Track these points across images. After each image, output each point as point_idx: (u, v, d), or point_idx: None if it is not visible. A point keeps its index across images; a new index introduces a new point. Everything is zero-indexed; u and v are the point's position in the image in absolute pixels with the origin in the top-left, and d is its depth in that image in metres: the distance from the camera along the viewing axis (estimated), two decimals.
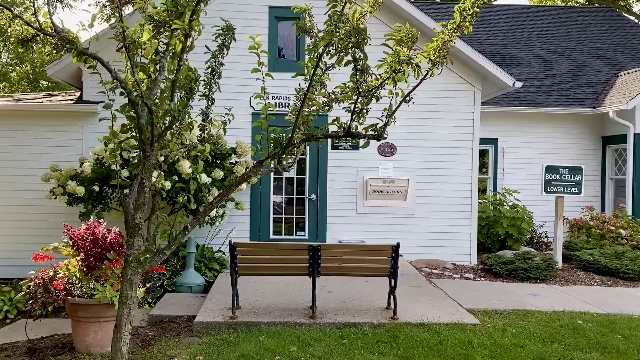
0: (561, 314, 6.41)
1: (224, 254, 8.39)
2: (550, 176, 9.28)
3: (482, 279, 8.50)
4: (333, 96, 3.48)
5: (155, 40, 3.53)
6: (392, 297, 6.00)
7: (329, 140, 9.25)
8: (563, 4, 28.21)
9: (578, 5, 26.92)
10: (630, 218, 11.02)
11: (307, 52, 3.39)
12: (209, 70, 3.91)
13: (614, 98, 12.11)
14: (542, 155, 12.01)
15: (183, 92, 3.80)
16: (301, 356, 4.85)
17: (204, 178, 7.09)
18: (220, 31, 3.75)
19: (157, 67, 3.62)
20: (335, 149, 9.41)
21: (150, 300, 6.88)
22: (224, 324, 5.66)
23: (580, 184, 9.35)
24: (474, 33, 15.40)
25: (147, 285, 5.83)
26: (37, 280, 5.23)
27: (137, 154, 3.62)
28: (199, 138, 3.83)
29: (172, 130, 3.56)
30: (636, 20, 23.73)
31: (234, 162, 8.01)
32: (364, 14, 3.40)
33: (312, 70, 3.16)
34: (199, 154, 3.53)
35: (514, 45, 15.32)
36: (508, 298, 7.18)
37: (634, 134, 11.47)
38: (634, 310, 6.71)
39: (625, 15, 21.79)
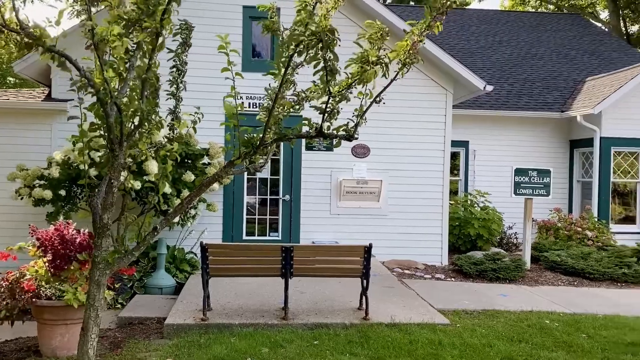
0: (529, 313, 6.54)
1: (195, 255, 8.31)
2: (520, 178, 9.47)
3: (453, 279, 8.61)
4: (303, 95, 3.48)
5: (126, 39, 3.48)
6: (364, 297, 6.03)
7: (303, 141, 9.25)
8: (533, 10, 28.80)
9: (548, 11, 27.52)
10: (596, 220, 11.31)
11: (280, 50, 3.38)
12: (175, 69, 3.87)
13: (581, 103, 12.41)
14: (512, 158, 12.24)
15: (152, 90, 3.75)
16: (272, 357, 4.83)
17: (166, 188, 7.02)
18: (179, 30, 3.71)
19: (127, 65, 3.57)
20: (309, 149, 9.42)
21: (120, 302, 6.78)
22: (194, 325, 5.60)
23: (549, 186, 9.56)
24: (447, 37, 15.61)
25: (116, 287, 5.74)
26: (2, 281, 5.10)
27: (105, 153, 3.56)
28: (169, 137, 3.78)
29: (142, 130, 3.51)
30: (603, 27, 24.40)
31: (207, 163, 7.94)
32: (329, 10, 3.40)
33: (284, 71, 3.16)
34: (168, 154, 3.49)
35: (486, 50, 15.58)
36: (478, 298, 7.29)
37: (600, 137, 11.78)
38: (599, 310, 6.88)
39: (593, 22, 22.38)
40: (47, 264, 5.12)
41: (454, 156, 12.40)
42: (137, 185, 6.72)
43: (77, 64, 3.37)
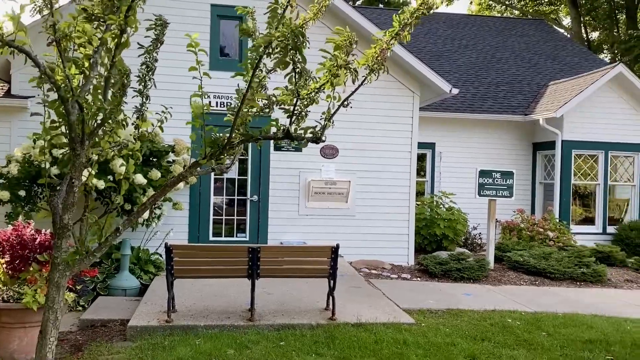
0: (492, 312, 6.68)
1: (160, 256, 8.19)
2: (484, 180, 9.66)
3: (419, 279, 8.72)
4: (274, 99, 3.48)
5: (93, 36, 3.41)
6: (331, 298, 6.05)
7: (272, 141, 9.22)
8: (499, 15, 29.41)
9: (513, 16, 28.13)
10: (557, 221, 11.63)
11: (248, 52, 3.36)
12: (144, 66, 3.80)
13: (544, 106, 12.74)
14: (477, 160, 12.48)
15: (117, 88, 3.68)
16: (238, 359, 4.80)
17: (139, 178, 6.90)
18: (154, 25, 3.66)
19: (91, 62, 3.49)
20: (277, 150, 9.39)
21: (82, 304, 6.62)
22: (159, 327, 5.52)
23: (512, 187, 9.78)
24: (415, 40, 15.80)
25: (78, 288, 5.61)
26: None
27: (66, 151, 3.48)
28: (134, 136, 3.72)
29: (105, 128, 3.44)
30: (565, 33, 25.10)
31: (172, 160, 7.84)
32: (307, 21, 3.42)
33: (252, 72, 3.14)
34: (131, 153, 3.43)
35: (452, 53, 15.84)
36: (443, 298, 7.40)
37: (562, 140, 12.13)
38: (559, 308, 7.08)
39: (556, 28, 23.00)
40: (4, 266, 4.97)
41: (421, 158, 12.56)
42: (101, 184, 6.58)
43: (37, 60, 3.28)
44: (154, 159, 7.75)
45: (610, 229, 12.43)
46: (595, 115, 12.37)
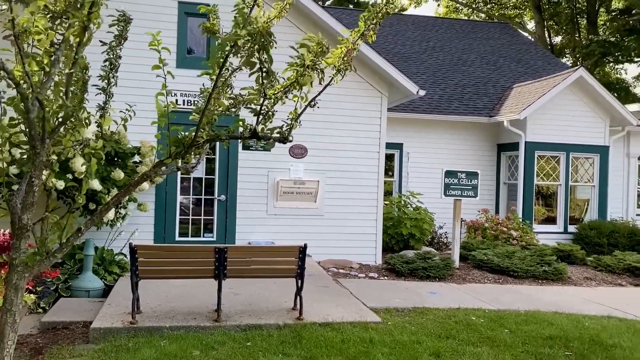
0: (456, 310, 6.79)
1: (125, 256, 8.04)
2: (450, 180, 9.82)
3: (386, 278, 8.81)
4: (241, 98, 3.46)
5: (52, 32, 3.32)
6: (298, 297, 6.05)
7: (240, 141, 9.16)
8: (466, 18, 29.93)
9: (479, 19, 28.67)
10: (520, 220, 11.91)
11: (216, 51, 3.33)
12: (107, 63, 3.73)
13: (508, 108, 13.03)
14: (443, 160, 12.68)
15: (79, 85, 3.60)
16: None
17: (95, 185, 6.76)
18: (116, 21, 3.60)
19: (52, 59, 3.41)
20: (246, 149, 9.34)
21: (42, 306, 6.45)
22: (123, 329, 5.43)
23: (477, 188, 9.97)
24: (383, 41, 15.94)
25: (39, 290, 5.47)
26: None
27: (26, 150, 3.39)
28: (96, 134, 3.64)
29: (66, 126, 3.36)
30: (529, 37, 25.71)
31: (138, 161, 7.71)
32: (271, 19, 3.41)
33: (218, 71, 3.12)
34: (93, 152, 3.36)
35: (420, 55, 16.04)
36: (409, 296, 7.49)
37: (525, 142, 12.43)
38: (521, 306, 7.25)
39: (520, 31, 23.52)
40: None
41: (389, 158, 12.68)
42: (61, 185, 6.42)
43: None
44: (119, 160, 7.62)
45: (571, 228, 12.80)
46: (557, 118, 12.72)
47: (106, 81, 4.12)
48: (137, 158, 7.88)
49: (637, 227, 12.52)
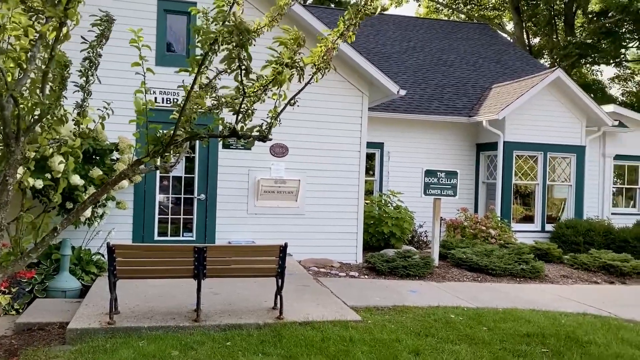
0: (436, 309, 6.85)
1: (103, 256, 7.94)
2: (429, 179, 9.90)
3: (366, 276, 8.84)
4: (224, 100, 3.44)
5: (31, 28, 3.26)
6: (278, 297, 6.04)
7: (220, 139, 9.11)
8: (446, 18, 30.18)
9: (459, 20, 28.94)
10: (499, 219, 12.06)
11: (197, 47, 3.30)
12: (87, 61, 3.68)
13: (487, 109, 13.17)
14: (423, 160, 12.77)
15: (57, 82, 3.55)
16: None
17: (76, 179, 6.67)
18: (99, 21, 3.55)
19: (28, 56, 3.34)
20: (226, 148, 9.28)
21: (17, 307, 6.33)
22: (100, 330, 5.36)
23: (456, 187, 10.06)
24: (365, 40, 15.98)
25: (13, 291, 5.37)
26: None
27: (0, 148, 3.32)
28: (74, 132, 3.59)
29: (42, 124, 3.31)
30: (508, 38, 26.03)
31: (116, 159, 7.62)
32: (261, 27, 3.41)
33: (197, 68, 3.09)
34: (71, 150, 3.31)
35: (401, 55, 16.12)
36: (389, 295, 7.53)
37: (504, 142, 12.58)
38: (499, 304, 7.34)
39: (500, 32, 23.81)
40: None
41: (370, 157, 12.73)
42: (39, 184, 6.31)
43: None
44: (97, 157, 7.51)
45: (549, 227, 13.01)
46: (535, 118, 12.90)
47: (85, 79, 4.06)
48: (115, 155, 7.78)
49: (612, 226, 12.77)
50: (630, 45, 27.97)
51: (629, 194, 15.52)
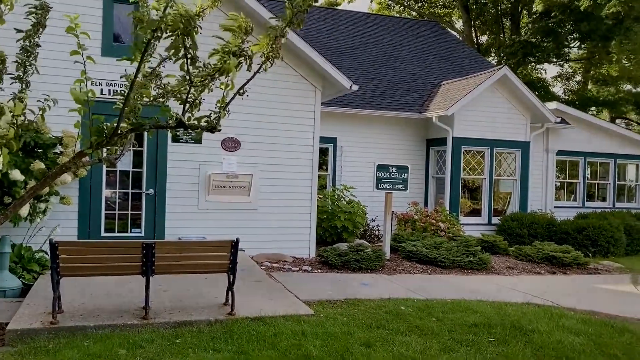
0: (387, 301, 6.94)
1: (46, 253, 7.61)
2: (381, 174, 10.01)
3: (319, 270, 8.87)
4: (170, 88, 3.34)
5: None
6: (230, 293, 5.96)
7: (169, 132, 8.91)
8: (398, 15, 30.58)
9: (410, 17, 29.37)
10: (448, 213, 12.34)
11: (138, 36, 3.19)
12: (22, 51, 3.50)
13: (437, 105, 13.44)
14: (375, 155, 12.91)
15: None
16: (130, 359, 4.60)
17: (16, 174, 6.37)
18: (34, 9, 3.38)
19: None
20: (176, 141, 9.08)
21: None
22: (43, 330, 5.14)
23: (407, 181, 10.22)
24: (317, 35, 15.98)
25: None
26: None
27: None
28: (9, 124, 3.41)
29: None
30: (458, 36, 26.64)
31: (59, 152, 7.32)
32: (203, 9, 3.33)
33: (141, 56, 2.99)
34: (5, 141, 3.14)
35: (354, 50, 16.21)
36: (341, 288, 7.58)
37: (452, 137, 12.86)
38: (448, 295, 7.51)
39: (449, 30, 24.33)
40: None
41: (323, 152, 12.76)
42: None
43: None
44: (39, 151, 7.20)
45: (495, 220, 13.42)
46: (483, 114, 13.26)
47: (22, 69, 3.87)
48: (59, 149, 7.47)
49: (555, 219, 13.31)
50: (572, 45, 29.16)
51: (570, 187, 16.22)
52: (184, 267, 5.99)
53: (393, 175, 10.07)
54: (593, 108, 28.66)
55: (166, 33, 2.78)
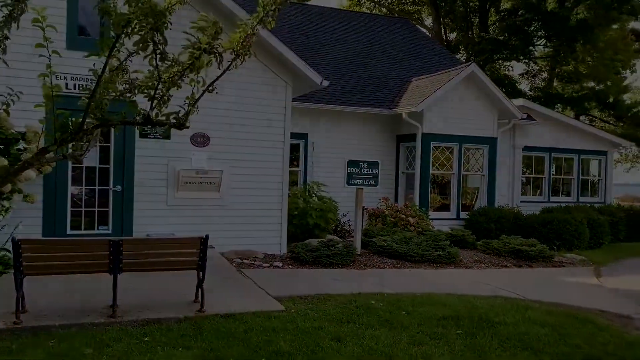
0: (357, 295, 7.00)
1: (9, 252, 7.38)
2: (352, 170, 10.06)
3: (291, 266, 8.87)
4: (137, 83, 3.28)
5: None
6: (200, 290, 5.92)
7: (137, 128, 8.75)
8: (368, 11, 30.68)
9: (381, 14, 29.54)
10: (417, 208, 12.48)
11: (107, 31, 3.13)
12: None
13: (406, 101, 13.56)
14: (346, 150, 12.97)
15: None
16: (97, 358, 4.52)
17: None
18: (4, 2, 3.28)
19: None
20: (144, 137, 8.92)
21: None
22: (5, 330, 5.01)
23: (377, 177, 10.30)
24: (288, 30, 15.92)
25: None
26: None
27: None
28: None
29: None
30: (427, 33, 26.90)
31: (23, 148, 7.13)
32: (172, 4, 3.28)
33: (109, 51, 2.93)
34: None
35: (325, 46, 16.21)
36: (312, 284, 7.60)
37: (422, 133, 13.01)
38: (417, 289, 7.62)
39: (419, 27, 24.56)
40: None
41: (295, 148, 12.74)
42: None
43: None
44: (1, 147, 6.99)
45: (464, 215, 13.64)
46: (452, 111, 13.44)
47: None
48: (23, 145, 7.27)
49: (521, 213, 13.61)
50: (538, 43, 29.77)
51: (536, 182, 16.61)
52: (153, 264, 5.92)
53: (364, 170, 10.14)
54: (559, 105, 29.33)
55: (136, 28, 2.73)
